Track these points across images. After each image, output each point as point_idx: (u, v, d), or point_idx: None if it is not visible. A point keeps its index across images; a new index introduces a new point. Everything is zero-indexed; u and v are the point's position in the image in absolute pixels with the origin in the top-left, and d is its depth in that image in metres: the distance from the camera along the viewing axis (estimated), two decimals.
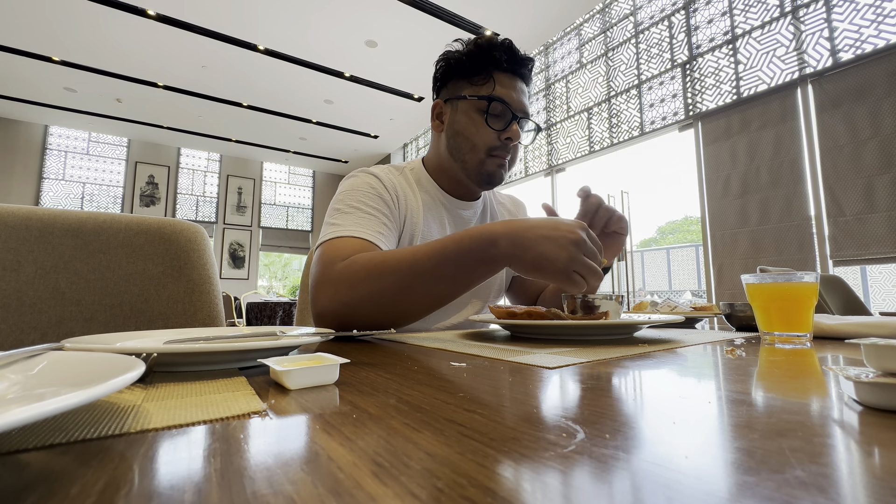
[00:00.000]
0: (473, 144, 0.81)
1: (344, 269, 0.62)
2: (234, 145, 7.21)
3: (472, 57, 0.82)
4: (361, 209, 0.75)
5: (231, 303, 5.11)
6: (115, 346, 0.34)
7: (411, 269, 0.58)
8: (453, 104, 0.84)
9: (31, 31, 4.15)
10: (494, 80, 0.80)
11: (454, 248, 0.57)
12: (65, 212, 0.74)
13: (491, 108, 0.79)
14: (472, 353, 0.45)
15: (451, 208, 0.89)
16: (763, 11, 2.88)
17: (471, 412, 0.23)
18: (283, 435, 0.20)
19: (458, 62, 0.83)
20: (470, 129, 0.81)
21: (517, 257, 0.55)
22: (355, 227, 0.71)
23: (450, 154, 0.85)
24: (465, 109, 0.82)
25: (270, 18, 3.99)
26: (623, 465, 0.15)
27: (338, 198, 0.78)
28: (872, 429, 0.19)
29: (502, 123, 0.80)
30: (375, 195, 0.78)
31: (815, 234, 2.62)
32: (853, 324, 0.56)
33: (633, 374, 0.33)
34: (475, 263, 0.57)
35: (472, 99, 0.80)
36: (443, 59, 0.86)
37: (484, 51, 0.81)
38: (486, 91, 0.80)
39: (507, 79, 0.81)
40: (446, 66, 0.85)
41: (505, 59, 0.80)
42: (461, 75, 0.83)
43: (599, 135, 3.95)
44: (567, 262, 0.52)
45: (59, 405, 0.15)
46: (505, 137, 0.80)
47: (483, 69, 0.81)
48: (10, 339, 0.65)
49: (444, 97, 0.86)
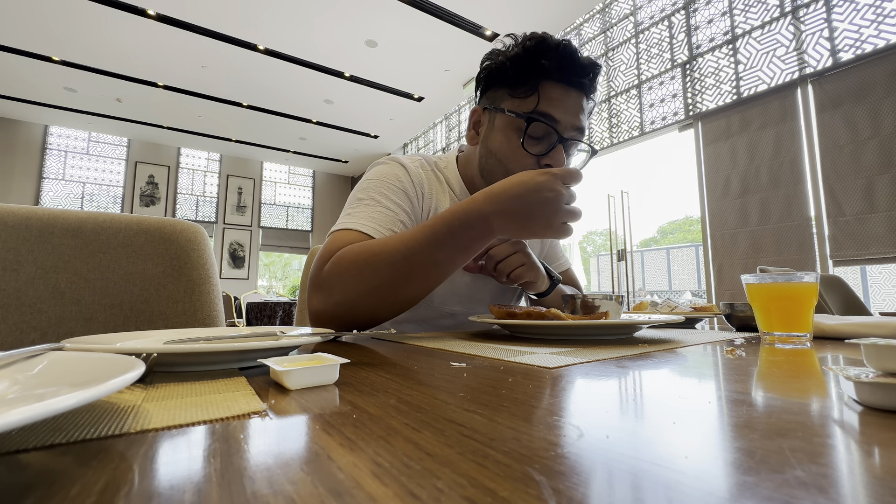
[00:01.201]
0: (507, 169, 0.68)
1: (332, 267, 0.59)
2: (234, 145, 7.21)
3: (516, 63, 0.69)
4: (381, 202, 0.70)
5: (231, 303, 5.12)
6: (115, 346, 0.34)
7: (406, 258, 0.56)
8: (491, 115, 0.73)
9: (31, 31, 4.15)
10: (540, 93, 0.67)
11: (445, 230, 0.56)
12: (65, 212, 0.74)
13: (531, 129, 0.67)
14: (472, 353, 0.45)
15: None
16: (763, 11, 2.88)
17: (471, 412, 0.23)
18: (283, 435, 0.20)
19: (500, 67, 0.71)
20: (504, 150, 0.70)
21: (510, 229, 0.56)
22: (368, 220, 0.67)
23: (481, 172, 0.76)
24: (503, 126, 0.71)
25: (270, 18, 3.99)
26: (623, 465, 0.15)
27: (361, 185, 0.73)
28: (872, 429, 0.19)
29: (544, 146, 0.69)
30: (400, 189, 0.73)
31: (815, 234, 2.62)
32: (853, 324, 0.56)
33: (633, 375, 0.33)
34: (469, 241, 0.57)
35: (510, 115, 0.68)
36: (487, 61, 0.74)
37: (531, 56, 0.68)
38: (528, 106, 0.68)
39: (557, 91, 0.68)
40: (489, 71, 0.73)
41: (556, 67, 0.67)
42: (503, 83, 0.71)
43: (599, 135, 3.95)
44: (555, 219, 0.55)
45: (59, 405, 0.15)
46: (545, 164, 0.68)
47: (529, 79, 0.68)
48: (10, 339, 0.65)
49: (483, 105, 0.76)
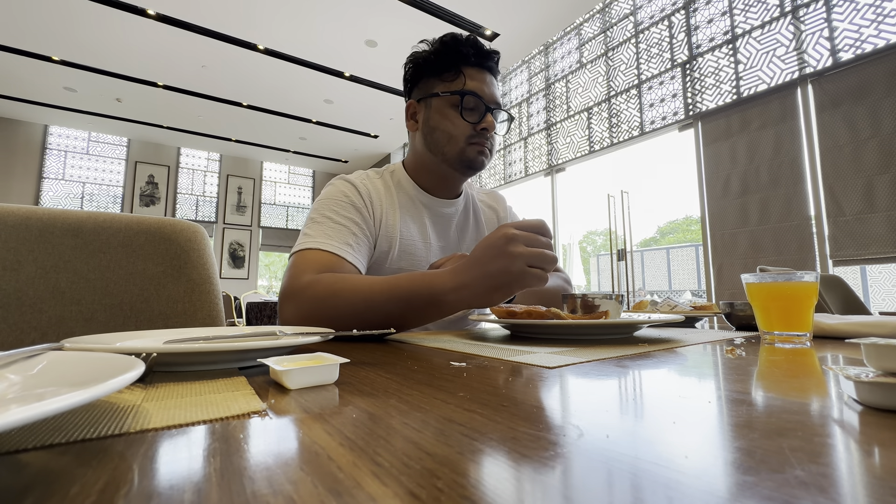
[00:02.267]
0: (451, 136, 0.83)
1: (308, 286, 0.64)
2: (234, 145, 7.21)
3: (440, 55, 0.84)
4: (333, 219, 0.77)
5: (231, 302, 5.12)
6: (114, 345, 0.34)
7: (365, 301, 0.59)
8: (427, 102, 0.86)
9: (31, 31, 4.15)
10: (464, 75, 0.83)
11: (406, 287, 0.58)
12: (65, 211, 0.74)
13: (464, 101, 0.82)
14: (472, 352, 0.45)
15: (431, 206, 0.90)
16: (763, 11, 2.88)
17: (471, 412, 0.23)
18: (283, 435, 0.20)
19: (426, 61, 0.86)
20: (446, 123, 0.83)
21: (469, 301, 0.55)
22: (325, 238, 0.73)
23: (428, 150, 0.87)
24: (439, 106, 0.84)
25: (270, 18, 3.98)
26: (623, 465, 0.15)
27: (314, 206, 0.81)
28: (872, 428, 0.19)
29: (477, 116, 0.83)
30: (348, 203, 0.80)
31: (815, 233, 2.62)
32: (853, 323, 0.56)
33: (633, 374, 0.33)
34: (424, 305, 0.58)
35: (445, 95, 0.83)
36: (411, 60, 0.89)
37: (451, 48, 0.83)
38: (457, 86, 0.83)
39: (476, 73, 0.84)
40: (415, 67, 0.88)
41: (472, 54, 0.83)
42: (431, 73, 0.85)
43: (599, 134, 3.95)
44: (517, 267, 0.51)
45: (59, 405, 0.15)
46: (481, 128, 0.82)
47: (452, 65, 0.83)
48: (10, 339, 0.65)
49: (416, 97, 0.89)
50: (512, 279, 0.51)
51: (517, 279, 0.51)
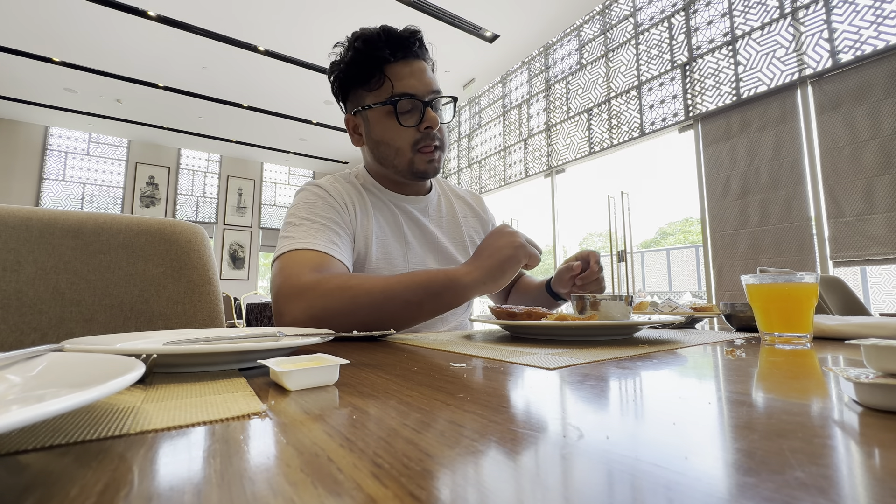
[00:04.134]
0: (397, 148, 0.79)
1: (317, 283, 0.62)
2: (234, 146, 7.22)
3: (356, 64, 0.78)
4: (312, 220, 0.74)
5: (231, 303, 5.11)
6: (114, 347, 0.34)
7: (383, 291, 0.60)
8: (363, 115, 0.81)
9: (31, 31, 4.16)
10: (390, 78, 0.76)
11: (423, 275, 0.62)
12: (65, 212, 0.74)
13: (399, 106, 0.76)
14: (472, 353, 0.45)
15: (402, 205, 0.88)
16: (763, 13, 2.88)
17: (471, 413, 0.23)
18: (283, 436, 0.20)
19: (346, 73, 0.80)
20: (388, 134, 0.79)
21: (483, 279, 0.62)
22: (309, 238, 0.71)
23: (378, 163, 0.84)
24: (376, 118, 0.79)
25: (270, 19, 3.99)
26: (623, 466, 0.15)
27: (289, 212, 0.78)
28: (872, 430, 0.19)
29: (416, 117, 0.77)
30: (325, 204, 0.78)
31: (815, 234, 2.62)
32: (853, 324, 0.56)
33: (633, 375, 0.33)
34: (441, 290, 0.61)
35: (376, 106, 0.77)
36: (332, 73, 0.83)
37: (364, 53, 0.77)
38: (386, 92, 0.76)
39: (400, 67, 0.77)
40: (338, 80, 0.83)
41: (390, 51, 0.76)
42: (356, 84, 0.80)
43: (599, 135, 3.95)
44: (518, 239, 0.63)
45: (59, 406, 0.15)
46: (425, 128, 0.77)
47: (374, 70, 0.77)
48: (10, 340, 0.65)
49: (351, 110, 0.84)
50: (517, 249, 0.62)
51: (521, 248, 0.62)
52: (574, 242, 6.35)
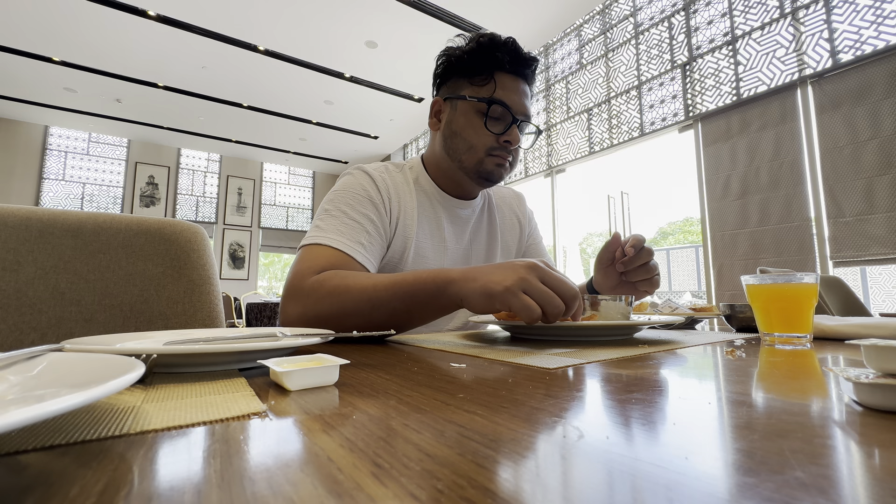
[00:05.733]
0: (471, 145, 0.80)
1: (313, 285, 0.62)
2: (234, 146, 7.22)
3: (473, 56, 0.80)
4: (348, 213, 0.74)
5: (231, 303, 5.11)
6: (114, 347, 0.34)
7: (369, 300, 0.58)
8: (452, 103, 0.82)
9: (31, 31, 4.16)
10: (496, 82, 0.79)
11: (411, 282, 0.57)
12: (65, 212, 0.74)
13: (491, 110, 0.78)
14: (472, 354, 0.45)
15: (448, 207, 0.88)
16: (763, 13, 2.88)
17: (471, 413, 0.23)
18: (283, 436, 0.20)
19: (459, 60, 0.82)
20: (468, 130, 0.79)
21: (468, 290, 0.52)
22: (337, 235, 0.71)
23: (446, 153, 0.84)
24: (465, 110, 0.80)
25: (270, 19, 3.99)
26: (623, 466, 0.15)
27: (329, 196, 0.78)
28: (872, 430, 0.19)
29: (502, 127, 0.79)
30: (365, 198, 0.77)
31: (815, 234, 2.62)
32: (853, 325, 0.56)
33: (634, 375, 0.33)
34: (428, 299, 0.57)
35: (472, 100, 0.79)
36: (444, 56, 0.84)
37: (486, 50, 0.79)
38: (486, 92, 0.78)
39: (509, 80, 0.80)
40: (447, 64, 0.83)
41: (508, 60, 0.79)
42: (462, 74, 0.81)
43: (599, 135, 3.95)
44: (515, 283, 0.48)
45: (59, 406, 0.15)
46: (504, 140, 0.79)
47: (485, 69, 0.79)
48: (10, 340, 0.65)
49: (443, 95, 0.85)
50: (501, 291, 0.48)
51: (504, 295, 0.48)
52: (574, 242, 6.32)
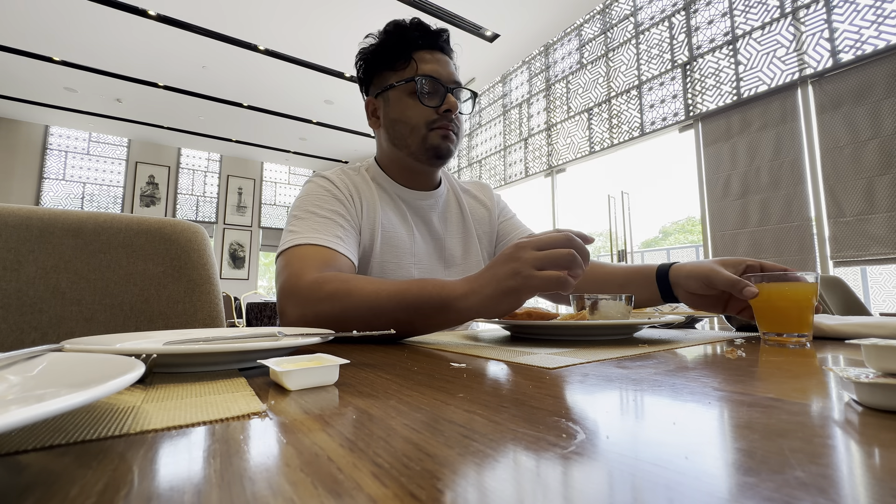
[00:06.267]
0: (413, 126, 0.81)
1: (311, 286, 0.61)
2: (234, 145, 7.22)
3: (387, 45, 0.83)
4: (317, 213, 0.74)
5: (231, 303, 5.12)
6: (114, 347, 0.34)
7: (371, 308, 0.56)
8: (384, 96, 0.84)
9: (31, 31, 4.16)
10: (415, 60, 0.81)
11: (416, 294, 0.54)
12: (65, 212, 0.74)
13: (421, 86, 0.79)
14: (471, 353, 0.45)
15: (409, 200, 0.88)
16: (763, 12, 2.88)
17: (471, 413, 0.23)
18: (283, 436, 0.20)
19: (375, 55, 0.84)
20: (406, 113, 0.81)
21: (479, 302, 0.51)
22: (313, 233, 0.71)
23: (393, 145, 0.85)
24: (397, 97, 0.82)
25: (270, 19, 3.99)
26: (623, 466, 0.15)
27: (294, 205, 0.78)
28: (872, 429, 0.19)
29: (437, 99, 0.80)
30: (330, 196, 0.78)
31: (816, 234, 2.62)
32: (853, 324, 0.56)
33: (634, 375, 0.33)
34: (433, 313, 0.54)
35: (400, 84, 0.81)
36: (360, 57, 0.87)
37: (397, 35, 0.82)
38: (410, 73, 0.80)
39: (427, 54, 0.82)
40: (366, 63, 0.86)
41: (419, 37, 0.81)
42: (383, 66, 0.84)
43: (600, 135, 3.95)
44: (522, 266, 0.48)
45: (59, 406, 0.15)
46: (444, 110, 0.80)
47: (402, 53, 0.81)
48: (11, 339, 0.65)
49: (373, 93, 0.87)
50: (520, 282, 0.48)
51: (525, 282, 0.48)
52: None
